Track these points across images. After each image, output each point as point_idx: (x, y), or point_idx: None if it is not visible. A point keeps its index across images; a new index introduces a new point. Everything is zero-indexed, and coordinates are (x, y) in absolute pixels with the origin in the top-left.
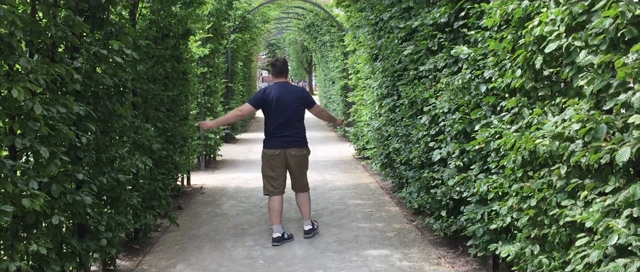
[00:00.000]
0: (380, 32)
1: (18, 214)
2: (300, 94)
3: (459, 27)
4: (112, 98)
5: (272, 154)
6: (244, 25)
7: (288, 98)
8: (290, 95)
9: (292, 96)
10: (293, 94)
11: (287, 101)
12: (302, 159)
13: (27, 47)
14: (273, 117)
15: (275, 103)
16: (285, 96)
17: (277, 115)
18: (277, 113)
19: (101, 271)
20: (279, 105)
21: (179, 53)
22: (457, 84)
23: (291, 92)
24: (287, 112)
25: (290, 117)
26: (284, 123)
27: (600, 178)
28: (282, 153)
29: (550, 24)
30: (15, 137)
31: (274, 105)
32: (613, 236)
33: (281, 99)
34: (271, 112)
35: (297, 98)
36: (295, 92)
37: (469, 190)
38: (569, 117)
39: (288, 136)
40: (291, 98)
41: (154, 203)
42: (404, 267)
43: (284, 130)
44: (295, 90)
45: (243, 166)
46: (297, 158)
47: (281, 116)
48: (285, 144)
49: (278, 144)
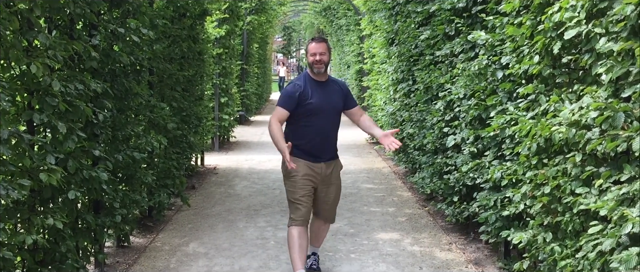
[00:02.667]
0: (397, 17)
1: (35, 188)
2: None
3: (477, 12)
4: (128, 76)
5: (310, 167)
6: (260, 7)
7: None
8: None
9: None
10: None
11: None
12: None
13: (45, 23)
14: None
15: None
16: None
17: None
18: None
19: (115, 247)
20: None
21: (195, 33)
22: (473, 69)
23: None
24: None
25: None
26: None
27: (616, 167)
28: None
29: (570, 10)
30: (33, 112)
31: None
32: (627, 225)
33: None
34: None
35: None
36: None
37: (483, 176)
38: (587, 105)
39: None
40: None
41: (168, 182)
42: (415, 251)
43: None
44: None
45: (257, 147)
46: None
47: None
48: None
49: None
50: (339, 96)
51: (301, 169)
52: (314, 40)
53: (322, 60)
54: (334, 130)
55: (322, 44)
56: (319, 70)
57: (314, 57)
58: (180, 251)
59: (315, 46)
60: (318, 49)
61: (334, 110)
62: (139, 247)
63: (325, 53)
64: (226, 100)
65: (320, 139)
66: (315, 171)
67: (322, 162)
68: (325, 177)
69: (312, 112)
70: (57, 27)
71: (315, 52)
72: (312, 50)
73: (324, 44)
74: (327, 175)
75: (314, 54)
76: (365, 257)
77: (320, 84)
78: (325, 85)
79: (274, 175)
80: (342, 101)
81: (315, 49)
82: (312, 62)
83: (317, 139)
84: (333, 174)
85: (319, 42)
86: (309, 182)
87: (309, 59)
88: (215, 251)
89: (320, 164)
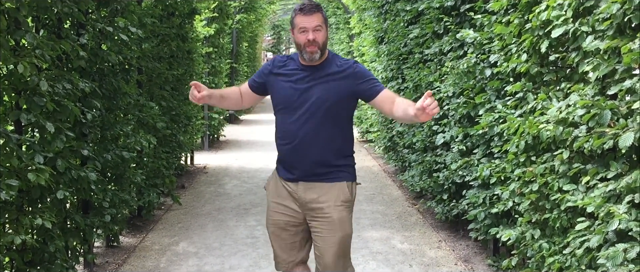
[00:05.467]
0: (386, 15)
1: (23, 188)
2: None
3: (465, 11)
4: (117, 75)
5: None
6: (249, 6)
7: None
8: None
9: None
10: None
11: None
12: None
13: (33, 22)
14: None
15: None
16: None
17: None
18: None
19: (104, 247)
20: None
21: (184, 32)
22: (462, 68)
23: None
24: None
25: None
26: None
27: (602, 164)
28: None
29: (557, 8)
30: (21, 112)
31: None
32: (614, 221)
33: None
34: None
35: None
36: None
37: (472, 174)
38: (574, 103)
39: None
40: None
41: (157, 181)
42: (405, 249)
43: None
44: None
45: (247, 146)
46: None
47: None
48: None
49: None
50: (337, 85)
51: (270, 187)
52: (302, 10)
53: (316, 41)
54: (318, 135)
55: (316, 16)
56: (312, 58)
57: (305, 36)
58: (170, 251)
59: (305, 19)
60: (310, 22)
61: (321, 107)
62: (128, 247)
63: (321, 28)
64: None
65: (287, 147)
66: (289, 192)
67: (298, 181)
68: (308, 207)
69: (278, 105)
70: (45, 26)
71: (306, 28)
72: (302, 25)
73: (318, 16)
74: (308, 202)
75: (304, 30)
76: (355, 256)
77: (308, 69)
78: (316, 70)
79: (264, 174)
80: (345, 92)
81: (306, 22)
82: (302, 43)
83: (284, 146)
84: (324, 203)
85: (310, 13)
86: (279, 210)
87: (298, 38)
88: (205, 250)
89: (295, 184)
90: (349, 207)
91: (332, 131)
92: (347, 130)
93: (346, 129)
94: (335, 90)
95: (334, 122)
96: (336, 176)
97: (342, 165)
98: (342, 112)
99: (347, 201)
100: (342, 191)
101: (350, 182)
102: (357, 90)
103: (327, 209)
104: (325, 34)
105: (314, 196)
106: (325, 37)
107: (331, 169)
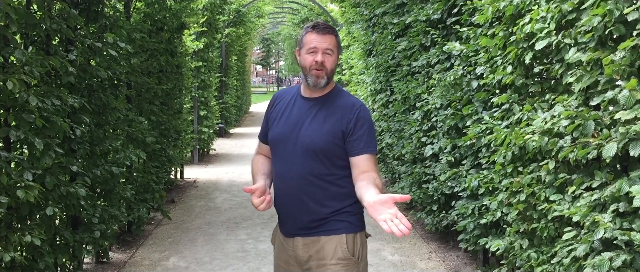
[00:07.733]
0: (374, 28)
1: (12, 205)
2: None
3: (451, 24)
4: (106, 91)
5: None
6: (238, 20)
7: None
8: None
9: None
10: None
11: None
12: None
13: (21, 39)
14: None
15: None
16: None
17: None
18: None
19: (94, 263)
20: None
21: (173, 47)
22: (449, 80)
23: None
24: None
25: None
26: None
27: (587, 173)
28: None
29: (540, 21)
30: (9, 129)
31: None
32: (599, 230)
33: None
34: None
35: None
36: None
37: (460, 185)
38: (558, 114)
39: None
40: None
41: (147, 196)
42: (395, 261)
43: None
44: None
45: (237, 160)
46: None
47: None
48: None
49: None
50: (332, 125)
51: (277, 241)
52: (316, 28)
53: (324, 65)
54: (310, 182)
55: (330, 37)
56: (317, 83)
57: (313, 57)
58: (160, 266)
59: (317, 38)
60: (322, 42)
61: (309, 146)
62: (118, 262)
63: (332, 52)
64: (205, 113)
65: (280, 192)
66: (287, 250)
67: (294, 236)
68: (307, 267)
69: (273, 143)
70: (34, 42)
71: (316, 48)
72: (312, 44)
73: (332, 38)
74: (305, 261)
75: (314, 51)
76: None
77: (308, 101)
78: (317, 103)
79: None
80: (340, 132)
81: (318, 41)
82: (308, 65)
83: (278, 191)
84: (321, 260)
85: (324, 33)
86: (282, 268)
87: (304, 59)
88: (196, 264)
89: (292, 240)
90: (350, 267)
91: (327, 172)
92: (344, 171)
93: (344, 169)
94: (332, 130)
95: (323, 164)
96: (333, 227)
97: (341, 212)
98: (338, 151)
99: (345, 258)
100: (340, 245)
101: (351, 234)
102: (345, 137)
103: (323, 269)
104: (335, 60)
105: (311, 252)
106: (335, 63)
107: (327, 218)
